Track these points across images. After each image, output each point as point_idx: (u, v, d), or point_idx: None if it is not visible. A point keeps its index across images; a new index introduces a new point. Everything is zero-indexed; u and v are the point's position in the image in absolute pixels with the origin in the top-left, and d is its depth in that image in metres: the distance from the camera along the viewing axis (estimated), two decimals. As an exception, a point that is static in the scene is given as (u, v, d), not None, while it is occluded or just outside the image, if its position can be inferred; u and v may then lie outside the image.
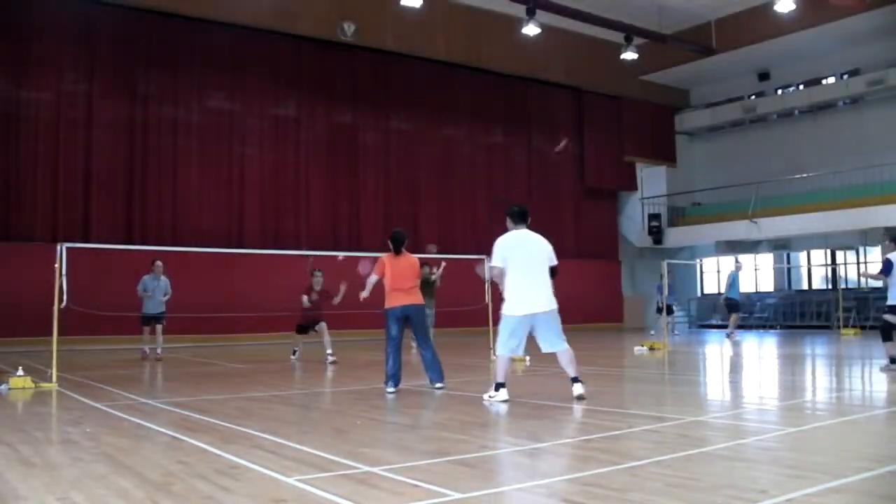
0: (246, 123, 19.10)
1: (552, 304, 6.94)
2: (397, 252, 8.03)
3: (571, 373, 6.94)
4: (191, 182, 18.24)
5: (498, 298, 10.32)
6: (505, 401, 6.79)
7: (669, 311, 18.00)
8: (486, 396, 7.00)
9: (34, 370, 9.05)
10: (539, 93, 24.01)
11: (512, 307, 6.89)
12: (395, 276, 7.90)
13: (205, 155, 18.47)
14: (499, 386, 6.93)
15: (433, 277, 13.76)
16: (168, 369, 11.30)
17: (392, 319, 7.88)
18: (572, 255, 23.27)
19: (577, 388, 6.86)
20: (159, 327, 12.88)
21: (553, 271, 7.10)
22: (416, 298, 8.02)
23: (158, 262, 12.89)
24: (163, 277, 12.92)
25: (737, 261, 18.52)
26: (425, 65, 21.41)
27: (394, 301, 7.89)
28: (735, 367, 11.30)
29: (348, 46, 20.09)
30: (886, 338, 9.13)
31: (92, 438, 5.18)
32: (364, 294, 8.18)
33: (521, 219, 7.11)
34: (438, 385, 7.98)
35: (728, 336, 17.03)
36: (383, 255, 8.08)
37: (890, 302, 9.08)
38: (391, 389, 7.71)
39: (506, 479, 3.91)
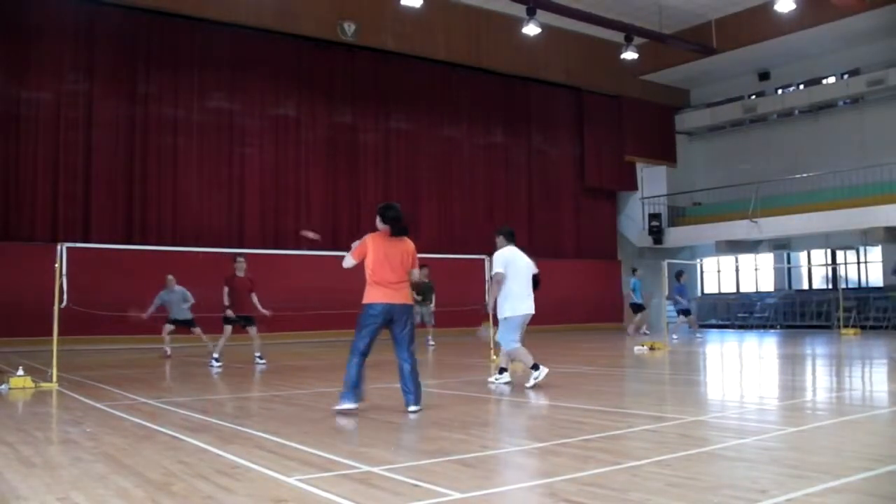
0: (246, 123, 19.09)
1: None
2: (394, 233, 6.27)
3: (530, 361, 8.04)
4: (191, 182, 18.24)
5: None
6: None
7: (688, 313, 18.21)
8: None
9: (34, 370, 9.06)
10: (539, 93, 24.00)
11: (515, 309, 8.06)
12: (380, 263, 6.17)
13: (205, 155, 18.48)
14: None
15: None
16: (169, 369, 11.30)
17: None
18: (572, 255, 23.24)
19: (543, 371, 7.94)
20: (196, 330, 13.17)
21: (536, 280, 8.42)
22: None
23: (169, 277, 13.19)
24: (177, 288, 13.19)
25: (634, 270, 19.74)
26: (425, 65, 21.42)
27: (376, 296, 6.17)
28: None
29: (348, 46, 20.09)
30: None
31: (92, 438, 5.18)
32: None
33: (512, 238, 8.35)
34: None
35: (631, 334, 18.32)
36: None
37: None
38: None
39: (506, 479, 3.91)
